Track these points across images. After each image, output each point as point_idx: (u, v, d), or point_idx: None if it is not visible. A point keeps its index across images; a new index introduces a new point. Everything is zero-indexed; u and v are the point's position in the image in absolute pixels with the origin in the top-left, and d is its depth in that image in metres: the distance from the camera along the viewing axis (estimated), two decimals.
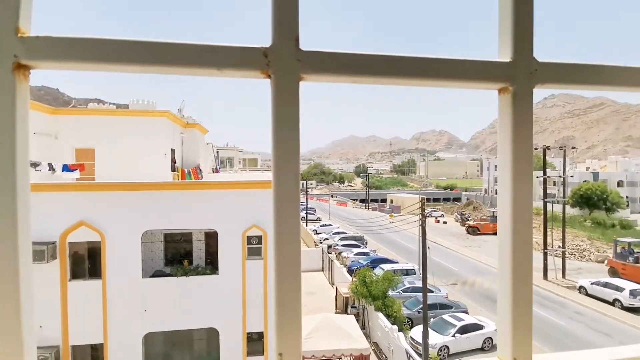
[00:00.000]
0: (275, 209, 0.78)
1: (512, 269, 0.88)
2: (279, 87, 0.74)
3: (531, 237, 0.89)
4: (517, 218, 0.88)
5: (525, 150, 0.89)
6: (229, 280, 12.19)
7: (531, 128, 0.90)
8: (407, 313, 21.08)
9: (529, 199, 0.90)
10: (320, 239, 39.80)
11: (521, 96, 0.87)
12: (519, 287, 0.88)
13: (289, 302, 0.77)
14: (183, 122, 20.01)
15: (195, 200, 12.26)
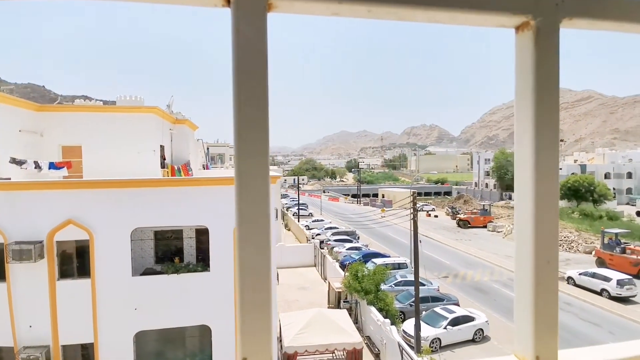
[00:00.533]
0: (237, 191, 0.64)
1: (534, 255, 0.78)
2: (241, 18, 0.60)
3: (557, 217, 0.79)
4: (541, 197, 0.76)
5: (551, 110, 0.75)
6: (221, 277, 12.12)
7: (557, 78, 0.75)
8: (400, 306, 21.25)
9: (555, 174, 0.77)
10: (312, 234, 39.83)
11: (545, 33, 0.73)
12: (544, 274, 0.78)
13: (257, 305, 0.66)
14: (172, 118, 19.77)
15: (186, 196, 12.15)
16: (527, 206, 0.79)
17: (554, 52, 0.74)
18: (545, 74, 0.75)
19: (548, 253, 0.78)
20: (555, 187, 0.78)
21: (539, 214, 0.77)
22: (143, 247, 13.16)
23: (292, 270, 30.92)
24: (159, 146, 17.22)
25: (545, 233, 0.78)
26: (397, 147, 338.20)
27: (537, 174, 0.77)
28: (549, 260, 0.78)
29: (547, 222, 0.78)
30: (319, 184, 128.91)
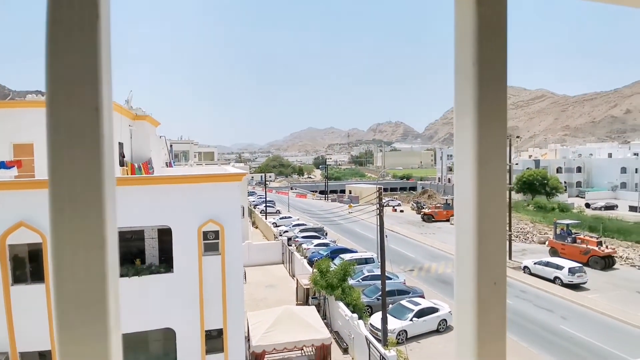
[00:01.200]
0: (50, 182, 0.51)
1: (477, 276, 0.69)
2: None
3: (505, 229, 0.70)
4: (486, 206, 0.68)
5: (496, 87, 0.67)
6: (185, 278, 11.81)
7: (505, 45, 0.67)
8: (367, 301, 21.60)
9: (501, 178, 0.69)
10: (280, 231, 39.65)
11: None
12: (490, 298, 0.69)
13: None
14: (131, 114, 18.96)
15: (147, 196, 11.71)
16: (469, 218, 0.69)
17: (500, 18, 0.67)
18: (490, 50, 0.67)
19: (494, 273, 0.70)
20: (502, 193, 0.69)
21: (484, 226, 0.68)
22: None
23: (260, 268, 30.65)
24: (118, 143, 16.48)
25: (491, 250, 0.69)
26: (363, 144, 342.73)
27: (480, 178, 0.68)
28: (496, 282, 0.70)
29: (494, 236, 0.69)
30: (287, 180, 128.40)
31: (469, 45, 0.67)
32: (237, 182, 12.64)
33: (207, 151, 68.38)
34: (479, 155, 0.67)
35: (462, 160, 0.70)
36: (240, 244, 12.97)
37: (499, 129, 0.70)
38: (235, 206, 12.49)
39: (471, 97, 0.67)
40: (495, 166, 0.69)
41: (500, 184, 0.70)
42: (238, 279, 12.45)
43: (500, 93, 0.69)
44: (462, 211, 0.71)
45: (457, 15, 0.69)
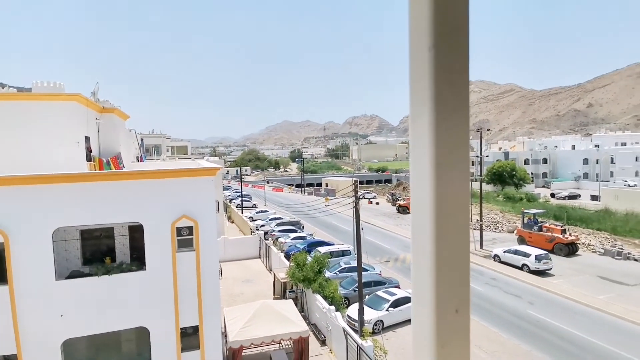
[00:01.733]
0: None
1: (435, 302, 0.62)
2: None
3: (468, 250, 0.63)
4: (445, 221, 0.60)
5: (456, 75, 0.61)
6: (158, 275, 11.52)
7: (466, 29, 0.61)
8: (344, 292, 21.80)
9: (464, 165, 0.61)
10: (256, 225, 39.34)
11: None
12: (451, 327, 0.62)
13: None
14: (98, 106, 18.17)
15: (116, 192, 11.29)
16: (426, 236, 0.62)
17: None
18: (448, 29, 0.61)
19: (457, 299, 0.63)
20: (464, 202, 0.62)
21: (443, 245, 0.61)
22: (67, 248, 12.05)
23: (236, 263, 30.35)
24: (84, 137, 15.78)
25: (453, 272, 0.62)
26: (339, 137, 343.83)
27: (438, 185, 0.60)
28: (458, 309, 0.63)
29: (456, 256, 0.62)
30: (263, 174, 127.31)
31: (424, 28, 0.61)
32: (212, 176, 12.38)
33: (180, 145, 66.65)
34: (437, 157, 0.59)
35: (419, 163, 0.62)
36: (215, 240, 12.75)
37: (460, 123, 0.62)
38: (209, 201, 12.24)
39: (427, 87, 0.60)
40: (457, 168, 0.60)
41: (462, 190, 0.61)
42: (214, 274, 12.26)
43: (461, 82, 0.61)
44: (419, 227, 0.63)
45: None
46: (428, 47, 0.60)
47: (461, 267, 0.63)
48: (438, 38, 0.60)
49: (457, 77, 0.62)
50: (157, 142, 54.80)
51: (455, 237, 0.62)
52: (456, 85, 0.61)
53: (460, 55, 0.62)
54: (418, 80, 0.63)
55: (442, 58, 0.61)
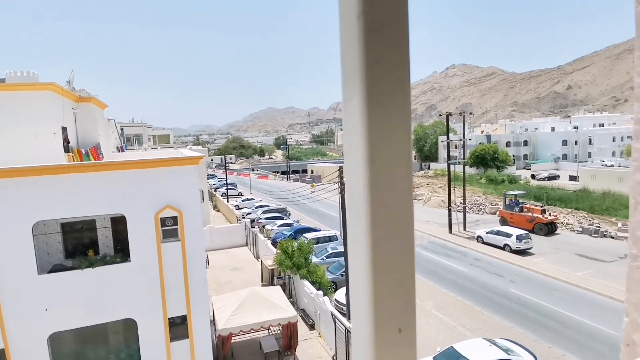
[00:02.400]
0: None
1: (374, 320, 0.54)
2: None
3: (413, 257, 0.56)
4: (381, 223, 0.52)
5: (391, 49, 0.53)
6: (144, 267, 11.41)
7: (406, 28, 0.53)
8: (332, 277, 22.06)
9: (405, 154, 0.53)
10: (242, 213, 39.21)
11: None
12: (393, 351, 0.55)
13: None
14: (74, 95, 17.58)
15: (97, 183, 11.04)
16: (362, 239, 0.53)
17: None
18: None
19: (400, 316, 0.55)
20: (406, 198, 0.54)
21: (383, 258, 0.53)
22: (48, 242, 11.79)
23: (223, 251, 30.31)
24: (61, 128, 15.29)
25: (397, 287, 0.54)
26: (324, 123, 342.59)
27: (372, 177, 0.52)
28: (402, 328, 0.56)
29: (399, 269, 0.54)
30: (248, 162, 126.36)
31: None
32: (195, 165, 12.21)
33: (163, 134, 65.37)
34: (372, 151, 0.51)
35: (352, 157, 0.54)
36: (201, 229, 12.67)
37: (398, 110, 0.54)
38: (193, 190, 12.10)
39: (357, 64, 0.52)
40: (397, 164, 0.53)
41: (403, 191, 0.53)
42: (200, 264, 12.22)
43: (399, 58, 0.53)
44: (354, 234, 0.54)
45: None
46: (357, 14, 0.51)
47: (405, 279, 0.55)
48: (368, 2, 0.51)
49: (394, 53, 0.52)
50: (138, 131, 53.58)
51: (397, 246, 0.54)
52: (393, 63, 0.52)
53: (397, 25, 0.52)
54: (347, 56, 0.54)
55: (374, 28, 0.51)
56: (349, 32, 0.53)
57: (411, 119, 0.55)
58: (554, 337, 17.10)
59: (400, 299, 0.55)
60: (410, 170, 0.54)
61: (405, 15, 0.52)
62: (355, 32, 0.52)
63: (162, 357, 11.78)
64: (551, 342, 16.73)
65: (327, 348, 16.49)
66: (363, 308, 0.55)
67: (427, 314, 19.41)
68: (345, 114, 0.56)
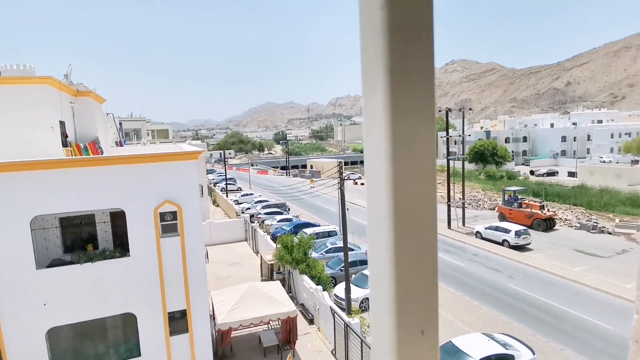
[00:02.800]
0: None
1: (396, 323, 0.52)
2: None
3: (436, 256, 0.55)
4: (404, 226, 0.51)
5: (415, 42, 0.51)
6: (143, 261, 11.40)
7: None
8: (331, 272, 22.11)
9: (429, 149, 0.52)
10: (242, 209, 39.20)
11: None
12: (416, 352, 0.53)
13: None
14: (72, 89, 17.47)
15: (96, 178, 10.99)
16: (384, 240, 0.53)
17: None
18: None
19: (423, 317, 0.54)
20: (430, 196, 0.53)
21: (406, 258, 0.52)
22: (47, 236, 11.76)
23: (222, 246, 30.33)
24: (59, 122, 15.20)
25: (418, 285, 0.53)
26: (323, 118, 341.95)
27: (397, 185, 0.51)
28: (424, 330, 0.55)
29: (422, 268, 0.53)
30: (247, 157, 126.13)
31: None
32: (194, 160, 12.16)
33: (161, 129, 65.21)
34: (395, 148, 0.50)
35: (373, 154, 0.52)
36: (200, 224, 12.64)
37: (423, 105, 0.51)
38: (192, 185, 12.07)
39: (380, 56, 0.50)
40: (420, 163, 0.51)
41: (427, 184, 0.52)
42: (199, 258, 12.21)
43: (423, 50, 0.51)
44: (376, 234, 0.53)
45: None
46: (380, 5, 0.49)
47: (428, 280, 0.54)
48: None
49: (418, 44, 0.50)
50: (137, 126, 53.43)
51: (419, 247, 0.53)
52: (417, 56, 0.50)
53: (421, 16, 0.50)
54: (369, 50, 0.51)
55: (398, 19, 0.49)
56: (371, 24, 0.50)
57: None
58: (551, 331, 17.20)
59: (423, 300, 0.54)
60: (434, 169, 0.52)
61: (430, 5, 0.51)
62: (378, 24, 0.49)
63: (161, 351, 11.81)
64: (548, 336, 16.82)
65: (326, 342, 16.56)
66: (385, 309, 0.53)
67: None
68: (367, 110, 0.53)
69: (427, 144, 0.51)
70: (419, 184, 0.51)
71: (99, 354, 11.56)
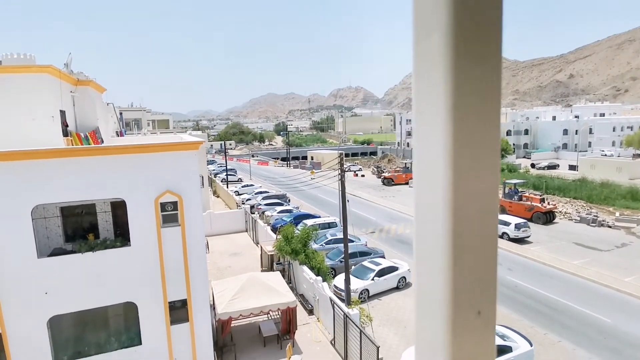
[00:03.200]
0: None
1: (452, 301, 0.49)
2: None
3: (496, 235, 0.52)
4: (465, 201, 0.48)
5: (480, 15, 0.46)
6: (144, 251, 11.44)
7: None
8: (331, 264, 22.21)
9: (494, 137, 0.49)
10: (242, 199, 39.24)
11: None
12: (471, 335, 0.51)
13: None
14: (73, 78, 17.35)
15: (96, 167, 10.98)
16: (440, 224, 0.49)
17: None
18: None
19: (479, 298, 0.51)
20: (494, 186, 0.50)
21: (464, 235, 0.48)
22: (48, 225, 11.79)
23: (223, 237, 30.44)
24: (59, 111, 15.13)
25: (475, 262, 0.50)
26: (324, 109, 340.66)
27: (457, 165, 0.47)
28: (481, 310, 0.52)
29: (480, 243, 0.49)
30: (247, 148, 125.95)
31: None
32: (195, 150, 12.13)
33: (162, 119, 64.97)
34: (456, 135, 0.45)
35: (425, 143, 0.48)
36: (200, 214, 12.67)
37: (489, 88, 0.46)
38: (193, 176, 12.06)
39: (439, 41, 0.44)
40: (483, 146, 0.47)
41: (493, 173, 0.48)
42: (200, 249, 12.25)
43: (491, 33, 0.46)
44: (426, 218, 0.49)
45: None
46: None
47: (487, 259, 0.51)
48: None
49: (484, 27, 0.44)
50: (137, 116, 53.22)
51: (479, 226, 0.49)
52: (483, 40, 0.44)
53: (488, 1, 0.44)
54: (426, 33, 0.45)
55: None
56: (429, 7, 0.45)
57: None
58: (549, 323, 17.32)
59: (481, 279, 0.50)
60: (498, 161, 0.49)
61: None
62: (440, 5, 0.44)
63: (162, 340, 11.91)
64: (547, 328, 16.95)
65: (325, 333, 16.70)
66: (439, 287, 0.50)
67: None
68: (419, 98, 0.48)
69: (491, 133, 0.47)
70: (482, 172, 0.48)
71: (101, 342, 11.67)
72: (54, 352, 11.09)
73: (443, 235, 0.48)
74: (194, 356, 12.31)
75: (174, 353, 12.07)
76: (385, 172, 58.34)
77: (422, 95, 0.48)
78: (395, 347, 15.52)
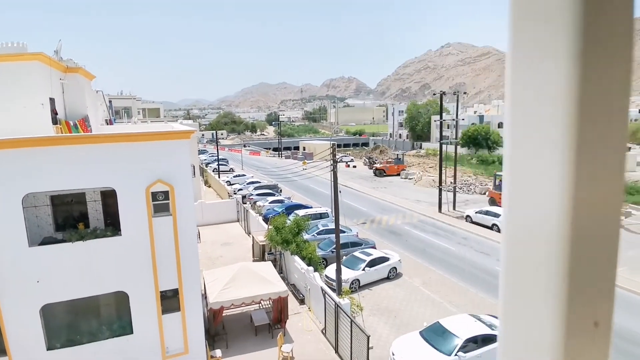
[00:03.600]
0: None
1: (566, 312, 0.45)
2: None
3: (618, 241, 0.47)
4: (588, 204, 0.43)
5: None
6: (135, 241, 11.42)
7: None
8: (322, 254, 22.38)
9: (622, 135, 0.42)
10: (234, 189, 39.17)
11: None
12: (586, 349, 0.46)
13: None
14: (62, 65, 17.01)
15: (86, 156, 10.87)
16: (554, 223, 0.44)
17: None
18: None
19: (597, 308, 0.46)
20: (619, 188, 0.45)
21: (580, 242, 0.43)
22: (38, 214, 11.69)
23: (214, 227, 30.42)
24: (49, 99, 14.87)
25: (594, 270, 0.44)
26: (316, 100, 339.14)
27: (580, 167, 0.41)
28: (598, 321, 0.47)
29: (602, 248, 0.44)
30: (239, 138, 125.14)
31: None
32: (186, 139, 12.06)
33: (152, 107, 64.10)
34: (581, 129, 0.39)
35: (534, 131, 0.44)
36: (192, 204, 12.64)
37: (620, 69, 0.40)
38: (184, 165, 12.01)
39: (564, 13, 0.38)
40: (609, 138, 0.42)
41: (618, 178, 0.44)
42: (191, 238, 12.27)
43: (620, 12, 0.38)
44: (532, 224, 0.46)
45: None
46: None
47: (606, 266, 0.46)
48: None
49: (614, 8, 0.36)
50: (127, 104, 52.51)
51: (601, 230, 0.44)
52: (609, 19, 0.37)
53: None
54: (537, 14, 0.39)
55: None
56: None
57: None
58: None
59: (599, 288, 0.47)
60: (624, 155, 0.43)
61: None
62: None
63: (154, 329, 11.97)
64: None
65: (316, 322, 16.91)
66: (551, 300, 0.46)
67: (415, 290, 19.92)
68: (523, 91, 0.40)
69: (619, 123, 0.42)
70: (606, 178, 0.43)
71: (93, 331, 11.69)
72: (47, 339, 11.11)
73: (557, 242, 0.44)
74: (186, 345, 12.41)
75: (166, 342, 12.15)
76: (377, 163, 58.54)
77: (529, 87, 0.43)
78: (385, 337, 15.79)
